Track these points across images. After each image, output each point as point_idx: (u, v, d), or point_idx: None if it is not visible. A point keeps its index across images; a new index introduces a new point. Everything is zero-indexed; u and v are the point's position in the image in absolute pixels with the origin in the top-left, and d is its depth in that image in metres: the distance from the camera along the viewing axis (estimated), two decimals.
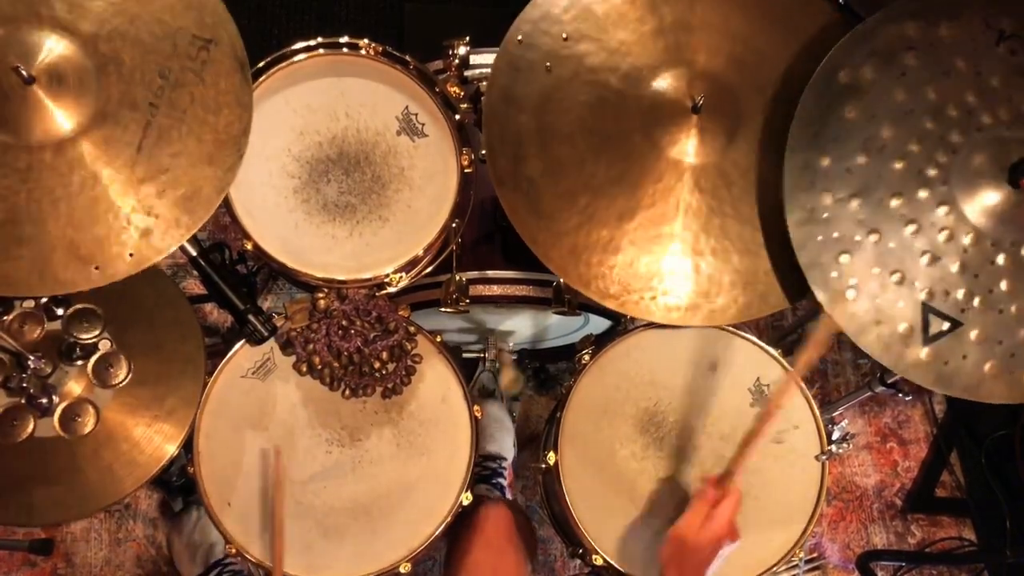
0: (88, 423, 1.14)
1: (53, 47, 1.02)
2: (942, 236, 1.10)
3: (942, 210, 1.10)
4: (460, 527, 1.36)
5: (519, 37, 1.23)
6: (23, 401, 1.13)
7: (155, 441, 1.21)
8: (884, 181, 1.11)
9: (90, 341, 1.16)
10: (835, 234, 1.11)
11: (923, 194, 1.11)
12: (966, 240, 1.10)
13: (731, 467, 1.16)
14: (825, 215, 1.12)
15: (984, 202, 1.10)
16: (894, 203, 1.11)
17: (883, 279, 1.10)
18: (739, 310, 1.21)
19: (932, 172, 1.11)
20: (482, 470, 1.70)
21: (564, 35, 1.23)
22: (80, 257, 1.01)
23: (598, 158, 1.21)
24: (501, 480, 1.73)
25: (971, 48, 1.13)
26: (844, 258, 1.11)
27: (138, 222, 1.03)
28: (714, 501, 1.13)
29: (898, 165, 1.12)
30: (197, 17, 1.07)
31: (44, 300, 1.16)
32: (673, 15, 1.25)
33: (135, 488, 1.18)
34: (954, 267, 1.10)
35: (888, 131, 1.12)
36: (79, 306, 1.15)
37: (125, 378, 1.17)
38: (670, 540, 1.13)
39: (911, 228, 1.10)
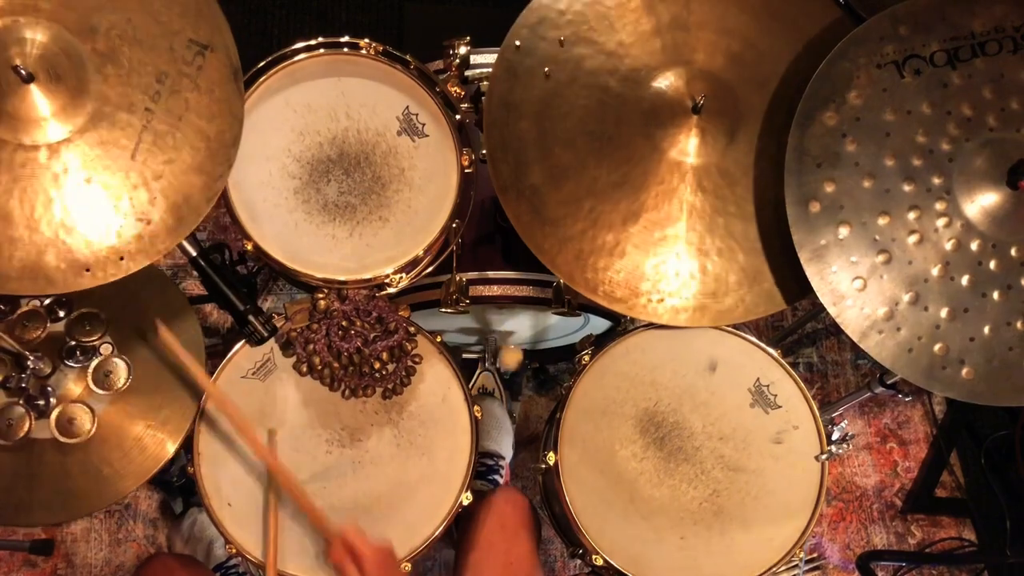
0: (84, 427, 1.14)
1: (51, 44, 1.02)
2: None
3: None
4: (476, 510, 1.36)
5: (517, 43, 1.23)
6: (20, 401, 1.13)
7: (156, 439, 1.20)
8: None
9: (91, 344, 1.16)
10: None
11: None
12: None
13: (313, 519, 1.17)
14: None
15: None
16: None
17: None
18: (746, 309, 1.20)
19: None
20: (479, 466, 1.69)
21: (561, 39, 1.23)
22: (71, 259, 1.01)
23: (600, 162, 1.21)
24: (497, 478, 1.73)
25: (888, 97, 1.13)
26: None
27: (129, 226, 1.03)
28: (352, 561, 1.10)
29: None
30: (194, 22, 1.07)
31: (48, 300, 1.16)
32: (670, 14, 1.25)
33: (135, 488, 1.18)
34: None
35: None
36: (83, 310, 1.15)
37: (124, 383, 1.16)
38: None
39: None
